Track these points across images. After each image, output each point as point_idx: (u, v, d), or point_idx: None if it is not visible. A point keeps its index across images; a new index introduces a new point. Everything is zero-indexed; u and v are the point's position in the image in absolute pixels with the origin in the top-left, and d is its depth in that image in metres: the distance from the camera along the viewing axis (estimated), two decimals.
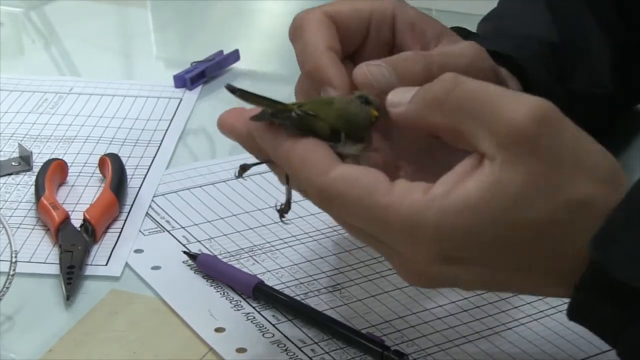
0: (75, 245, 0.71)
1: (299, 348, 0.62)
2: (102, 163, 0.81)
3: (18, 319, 0.66)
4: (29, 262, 0.71)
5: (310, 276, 0.69)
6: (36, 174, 0.79)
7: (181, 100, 0.96)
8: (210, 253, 0.72)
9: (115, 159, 0.81)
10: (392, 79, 0.59)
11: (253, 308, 0.66)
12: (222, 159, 0.85)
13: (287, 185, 0.59)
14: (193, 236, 0.74)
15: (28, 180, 0.81)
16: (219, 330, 0.64)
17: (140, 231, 0.75)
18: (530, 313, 0.66)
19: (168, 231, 0.75)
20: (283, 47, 1.13)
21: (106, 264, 0.71)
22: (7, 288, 0.65)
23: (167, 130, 0.90)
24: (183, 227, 0.75)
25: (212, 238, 0.74)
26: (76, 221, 0.74)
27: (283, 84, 0.82)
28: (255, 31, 1.19)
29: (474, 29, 0.81)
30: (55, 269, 0.70)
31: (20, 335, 0.64)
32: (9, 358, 0.63)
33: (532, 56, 0.74)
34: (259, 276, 0.68)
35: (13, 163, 0.83)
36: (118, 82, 0.99)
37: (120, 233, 0.74)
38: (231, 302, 0.67)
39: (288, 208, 0.59)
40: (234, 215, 0.77)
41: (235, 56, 1.04)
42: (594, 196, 0.50)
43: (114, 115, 0.93)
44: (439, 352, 0.62)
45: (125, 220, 0.76)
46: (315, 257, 0.72)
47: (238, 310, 0.66)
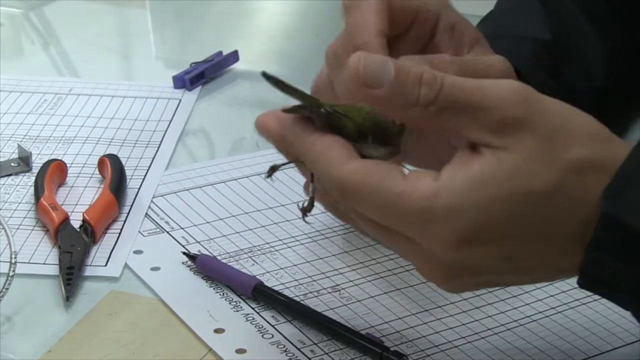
0: (74, 246, 0.71)
1: (299, 349, 0.63)
2: (102, 164, 0.81)
3: (18, 320, 0.66)
4: (29, 263, 0.71)
5: (309, 277, 0.70)
6: (35, 175, 0.79)
7: (180, 101, 0.96)
8: (209, 254, 0.72)
9: (114, 160, 0.81)
10: None
11: (252, 309, 0.66)
12: (221, 160, 0.85)
13: (312, 183, 0.60)
14: (192, 237, 0.74)
15: (27, 181, 0.81)
16: (219, 331, 0.64)
17: (139, 232, 0.75)
18: (529, 314, 0.66)
19: (167, 232, 0.75)
20: (282, 48, 1.14)
21: (105, 265, 0.71)
22: (7, 289, 0.65)
23: (166, 131, 0.90)
24: (182, 228, 0.75)
25: (212, 239, 0.74)
26: (75, 222, 0.74)
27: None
28: (254, 32, 1.19)
29: None
30: (54, 270, 0.70)
31: (19, 336, 0.64)
32: (9, 359, 0.63)
33: (529, 56, 0.75)
34: (259, 277, 0.68)
35: (12, 164, 0.83)
36: (117, 83, 0.99)
37: (119, 234, 0.74)
38: (230, 303, 0.67)
39: (311, 206, 0.61)
40: (233, 216, 0.77)
41: (234, 57, 1.04)
42: (593, 154, 0.52)
43: (113, 116, 0.93)
44: (438, 353, 0.62)
45: (124, 221, 0.76)
46: (314, 258, 0.72)
47: (237, 311, 0.66)
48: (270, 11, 1.25)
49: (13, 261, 0.66)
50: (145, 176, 0.83)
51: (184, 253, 0.71)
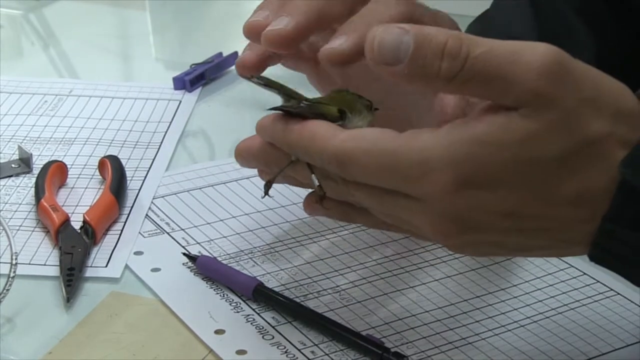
0: (75, 247, 0.71)
1: (299, 350, 0.63)
2: (102, 165, 0.81)
3: (18, 321, 0.66)
4: (29, 264, 0.71)
5: (309, 278, 0.70)
6: (36, 176, 0.79)
7: (180, 102, 0.96)
8: (210, 255, 0.72)
9: (114, 161, 0.81)
10: None
11: (253, 310, 0.66)
12: (222, 161, 0.85)
13: (313, 174, 0.61)
14: (193, 238, 0.74)
15: (28, 182, 0.81)
16: (219, 332, 0.64)
17: (140, 233, 0.75)
18: (529, 315, 0.66)
19: (168, 233, 0.75)
20: None
21: (106, 266, 0.71)
22: (7, 290, 0.65)
23: (167, 132, 0.91)
24: (183, 229, 0.75)
25: (212, 240, 0.74)
26: (76, 223, 0.74)
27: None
28: None
29: None
30: (55, 271, 0.70)
31: (20, 337, 0.64)
32: None
33: None
34: (259, 278, 0.68)
35: (13, 165, 0.83)
36: (117, 84, 0.99)
37: (120, 235, 0.74)
38: (231, 304, 0.67)
39: (323, 192, 0.61)
40: (234, 217, 0.77)
41: (234, 58, 1.03)
42: (616, 129, 0.51)
43: (114, 117, 0.93)
44: (439, 354, 0.62)
45: (125, 222, 0.76)
46: (314, 259, 0.72)
47: (238, 312, 0.66)
48: None
49: (14, 262, 0.66)
50: (145, 177, 0.83)
51: (185, 254, 0.71)
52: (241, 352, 0.62)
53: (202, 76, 1.00)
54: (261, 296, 0.67)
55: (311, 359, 0.62)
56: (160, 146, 0.88)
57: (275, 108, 0.60)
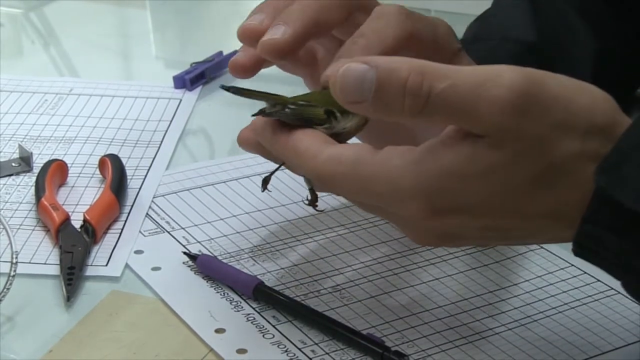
0: (75, 246, 0.71)
1: (299, 349, 0.63)
2: (102, 164, 0.81)
3: (18, 320, 0.66)
4: (30, 263, 0.71)
5: (310, 277, 0.70)
6: (36, 175, 0.79)
7: (181, 101, 0.96)
8: (210, 254, 0.72)
9: (115, 160, 0.81)
10: None
11: (253, 309, 0.66)
12: (222, 160, 0.85)
13: (304, 178, 0.62)
14: (193, 237, 0.74)
15: (28, 181, 0.81)
16: (219, 331, 0.64)
17: (140, 232, 0.75)
18: (530, 314, 0.66)
19: (168, 232, 0.75)
20: None
21: (106, 265, 0.71)
22: (8, 289, 0.65)
23: (167, 131, 0.90)
24: (183, 228, 0.75)
25: (212, 239, 0.74)
26: (76, 222, 0.74)
27: (282, 84, 0.82)
28: None
29: None
30: (55, 270, 0.70)
31: (20, 336, 0.64)
32: (9, 359, 0.63)
33: (510, 57, 0.76)
34: (259, 277, 0.68)
35: (13, 164, 0.83)
36: (117, 83, 0.99)
37: (120, 234, 0.74)
38: (231, 303, 0.67)
39: (315, 197, 0.63)
40: (234, 216, 0.77)
41: None
42: (583, 150, 0.51)
43: (114, 116, 0.93)
44: (439, 353, 0.62)
45: (125, 221, 0.76)
46: (315, 258, 0.72)
47: (238, 311, 0.66)
48: None
49: (14, 261, 0.66)
50: (145, 176, 0.83)
51: (185, 253, 0.71)
52: (241, 351, 0.62)
53: (203, 75, 1.00)
54: (261, 295, 0.67)
55: (312, 358, 0.62)
56: (160, 145, 0.88)
57: (259, 113, 0.60)
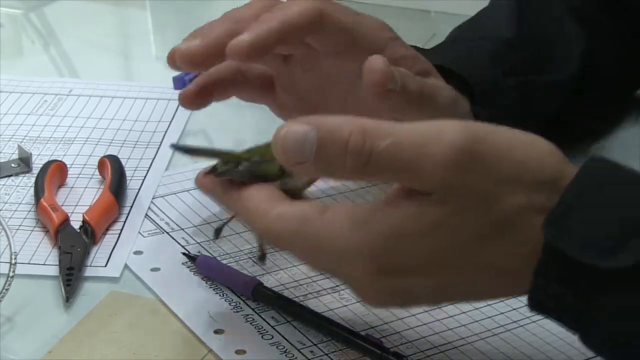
0: (74, 246, 0.71)
1: (298, 350, 0.63)
2: (102, 164, 0.81)
3: (18, 321, 0.66)
4: (29, 264, 0.71)
5: (309, 278, 0.70)
6: (36, 176, 0.79)
7: None
8: (209, 255, 0.72)
9: (114, 161, 0.81)
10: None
11: (252, 310, 0.66)
12: None
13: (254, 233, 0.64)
14: (192, 238, 0.74)
15: (27, 181, 0.81)
16: (218, 331, 0.64)
17: (139, 233, 0.75)
18: (528, 315, 0.66)
19: (167, 233, 0.75)
20: None
21: (105, 266, 0.71)
22: (7, 289, 0.65)
23: (166, 131, 0.91)
24: (182, 229, 0.75)
25: (211, 240, 0.74)
26: (75, 223, 0.74)
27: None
28: None
29: None
30: (54, 271, 0.70)
31: (19, 336, 0.65)
32: (9, 359, 0.63)
33: (487, 55, 0.77)
34: (258, 278, 0.68)
35: (12, 165, 0.84)
36: (117, 84, 0.99)
37: (119, 234, 0.75)
38: (230, 304, 0.67)
39: (263, 252, 0.67)
40: (233, 217, 0.77)
41: None
42: (529, 204, 0.51)
43: (113, 116, 0.93)
44: (438, 354, 0.62)
45: (124, 221, 0.76)
46: None
47: (237, 311, 0.66)
48: None
49: (13, 262, 0.66)
50: (145, 177, 0.83)
51: (184, 254, 0.71)
52: (240, 352, 0.63)
53: None
54: (261, 296, 0.67)
55: (310, 359, 0.62)
56: (160, 146, 0.88)
57: (211, 173, 0.62)
